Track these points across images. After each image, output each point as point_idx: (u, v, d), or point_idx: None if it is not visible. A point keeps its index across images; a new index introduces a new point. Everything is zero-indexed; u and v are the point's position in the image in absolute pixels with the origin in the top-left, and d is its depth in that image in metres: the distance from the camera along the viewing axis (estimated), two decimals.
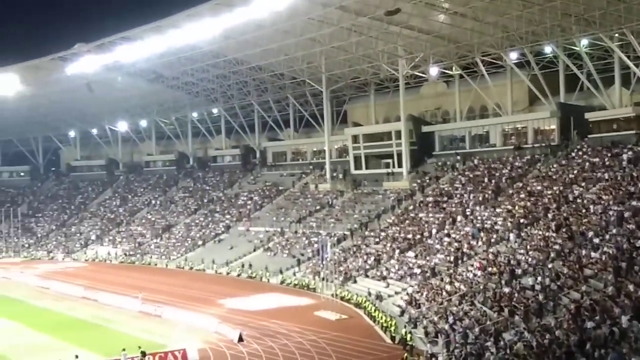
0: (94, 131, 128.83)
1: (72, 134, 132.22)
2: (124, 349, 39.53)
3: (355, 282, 61.53)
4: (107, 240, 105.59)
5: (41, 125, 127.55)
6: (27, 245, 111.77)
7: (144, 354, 38.86)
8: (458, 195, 69.09)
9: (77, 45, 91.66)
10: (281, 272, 71.47)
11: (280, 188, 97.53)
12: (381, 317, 47.96)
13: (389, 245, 65.42)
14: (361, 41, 75.07)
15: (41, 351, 42.32)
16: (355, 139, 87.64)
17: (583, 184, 56.20)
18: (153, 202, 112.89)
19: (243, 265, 77.65)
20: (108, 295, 63.61)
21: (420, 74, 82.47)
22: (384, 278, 58.88)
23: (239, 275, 76.26)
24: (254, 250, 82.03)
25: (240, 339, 44.88)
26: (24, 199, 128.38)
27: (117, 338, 46.79)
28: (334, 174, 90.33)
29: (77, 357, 38.27)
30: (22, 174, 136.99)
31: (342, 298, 57.79)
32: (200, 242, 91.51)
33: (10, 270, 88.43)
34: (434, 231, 63.30)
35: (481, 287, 45.45)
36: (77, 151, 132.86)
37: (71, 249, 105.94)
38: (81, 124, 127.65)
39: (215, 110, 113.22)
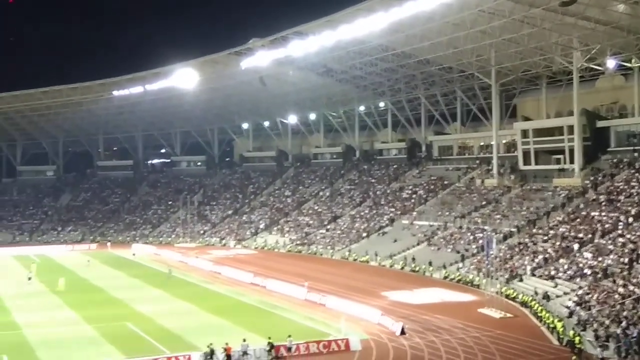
0: (266, 123, 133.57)
1: (245, 125, 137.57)
2: (289, 335, 40.87)
3: (521, 280, 60.03)
4: (276, 229, 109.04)
5: (217, 117, 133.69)
6: (202, 232, 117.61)
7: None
8: (635, 194, 65.56)
9: (252, 40, 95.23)
10: (444, 267, 70.89)
11: (446, 182, 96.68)
12: (548, 318, 46.53)
13: (558, 243, 63.23)
14: (533, 33, 72.78)
15: (212, 333, 44.40)
16: (524, 133, 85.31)
17: None
18: (320, 193, 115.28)
19: (406, 259, 77.74)
20: (276, 282, 65.74)
21: (596, 67, 78.77)
22: (552, 277, 56.99)
23: (402, 268, 76.43)
24: (418, 244, 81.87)
25: (403, 332, 45.05)
26: (200, 188, 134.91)
27: (283, 324, 48.42)
28: (501, 169, 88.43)
29: (244, 340, 39.91)
30: (198, 163, 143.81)
31: (506, 296, 56.57)
32: (364, 234, 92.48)
33: (186, 254, 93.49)
34: (606, 231, 60.49)
35: None
36: (250, 142, 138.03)
37: (242, 237, 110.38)
38: (254, 117, 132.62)
39: (382, 104, 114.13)
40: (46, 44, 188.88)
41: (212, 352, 38.15)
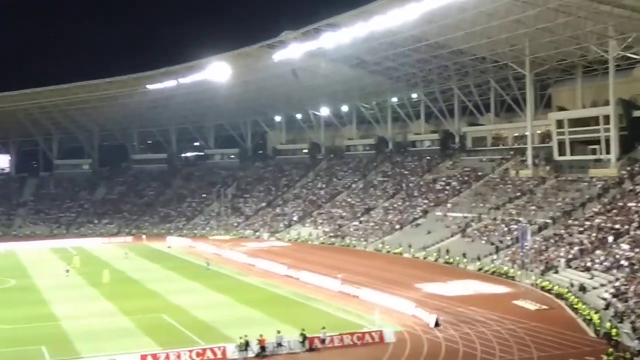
0: (298, 116, 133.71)
1: (278, 118, 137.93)
2: (323, 327, 41.00)
3: (556, 272, 59.49)
4: (309, 221, 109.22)
5: (249, 110, 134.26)
6: (235, 224, 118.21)
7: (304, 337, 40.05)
8: None
9: (284, 33, 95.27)
10: (479, 258, 70.51)
11: (480, 174, 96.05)
12: (584, 310, 46.09)
13: (594, 235, 62.53)
14: (569, 22, 71.90)
15: (245, 324, 44.68)
16: (559, 123, 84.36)
17: None
18: (353, 185, 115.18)
19: (440, 251, 77.42)
20: (309, 274, 65.88)
21: (633, 55, 77.51)
22: (588, 269, 56.42)
23: (435, 260, 76.17)
24: (451, 236, 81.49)
25: (437, 324, 44.96)
26: (233, 180, 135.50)
27: (316, 316, 48.58)
28: (536, 160, 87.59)
29: (278, 332, 40.14)
30: (232, 156, 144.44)
31: (542, 288, 56.18)
32: (397, 226, 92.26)
33: (220, 247, 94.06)
34: None
35: None
36: (283, 135, 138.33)
37: (275, 229, 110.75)
38: (286, 109, 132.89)
39: (415, 95, 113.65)
40: (82, 40, 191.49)
41: (246, 344, 38.45)
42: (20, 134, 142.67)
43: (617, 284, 49.73)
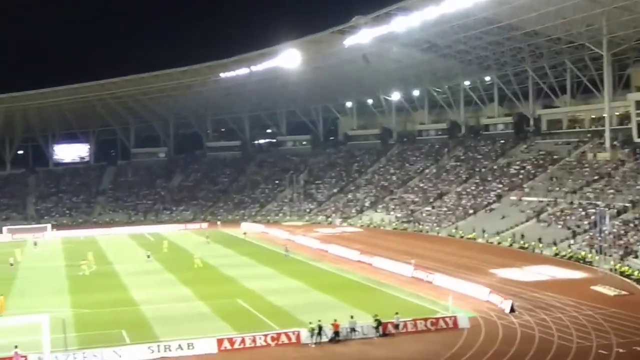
0: (369, 101, 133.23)
1: (349, 104, 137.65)
2: (396, 313, 41.07)
3: (636, 257, 58.06)
4: (381, 207, 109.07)
5: (321, 96, 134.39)
6: (308, 210, 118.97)
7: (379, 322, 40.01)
8: None
9: (355, 18, 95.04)
10: (555, 243, 69.26)
11: (555, 157, 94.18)
12: None
13: None
14: None
15: (319, 309, 45.06)
16: (639, 104, 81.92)
17: None
18: (425, 170, 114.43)
19: (514, 236, 76.34)
20: (382, 260, 65.90)
21: None
22: None
23: (510, 245, 75.19)
24: (526, 221, 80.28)
25: (512, 310, 44.46)
26: (306, 167, 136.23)
27: (389, 301, 48.66)
28: (614, 143, 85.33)
29: (352, 317, 40.36)
30: (304, 142, 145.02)
31: (621, 273, 54.90)
32: (471, 211, 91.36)
33: (293, 233, 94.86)
34: None
35: None
36: (354, 121, 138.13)
37: (348, 215, 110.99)
38: (357, 95, 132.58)
39: (487, 78, 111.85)
40: (156, 30, 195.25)
41: (320, 329, 38.79)
42: (99, 123, 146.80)
43: None
